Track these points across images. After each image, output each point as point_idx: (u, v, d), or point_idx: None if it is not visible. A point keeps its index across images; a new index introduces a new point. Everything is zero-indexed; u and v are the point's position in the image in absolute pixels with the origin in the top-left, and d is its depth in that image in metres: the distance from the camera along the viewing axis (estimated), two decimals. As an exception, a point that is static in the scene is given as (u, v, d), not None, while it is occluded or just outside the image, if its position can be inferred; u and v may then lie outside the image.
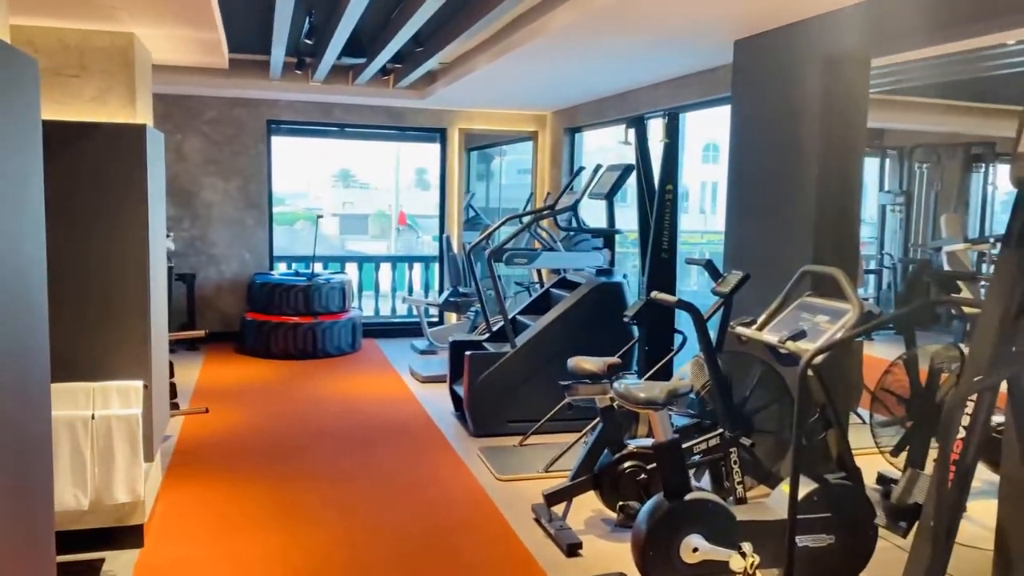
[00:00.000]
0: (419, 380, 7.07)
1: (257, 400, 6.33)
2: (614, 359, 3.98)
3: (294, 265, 9.29)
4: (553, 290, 6.13)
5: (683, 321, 4.62)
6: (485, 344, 5.93)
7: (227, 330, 8.44)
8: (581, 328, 5.54)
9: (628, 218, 7.24)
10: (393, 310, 9.92)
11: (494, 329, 6.03)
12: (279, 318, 7.86)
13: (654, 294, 3.78)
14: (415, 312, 8.45)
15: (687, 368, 4.14)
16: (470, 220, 10.22)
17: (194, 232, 8.51)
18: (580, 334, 5.54)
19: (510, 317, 6.12)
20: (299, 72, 7.28)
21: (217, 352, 8.10)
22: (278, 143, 9.26)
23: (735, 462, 3.93)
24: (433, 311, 9.10)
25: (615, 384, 3.22)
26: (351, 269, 9.94)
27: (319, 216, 8.35)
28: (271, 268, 8.81)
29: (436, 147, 9.30)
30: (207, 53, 4.40)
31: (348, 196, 46.17)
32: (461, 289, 8.31)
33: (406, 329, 9.20)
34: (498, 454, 5.03)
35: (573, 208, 5.77)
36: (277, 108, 8.61)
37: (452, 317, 9.05)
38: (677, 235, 4.98)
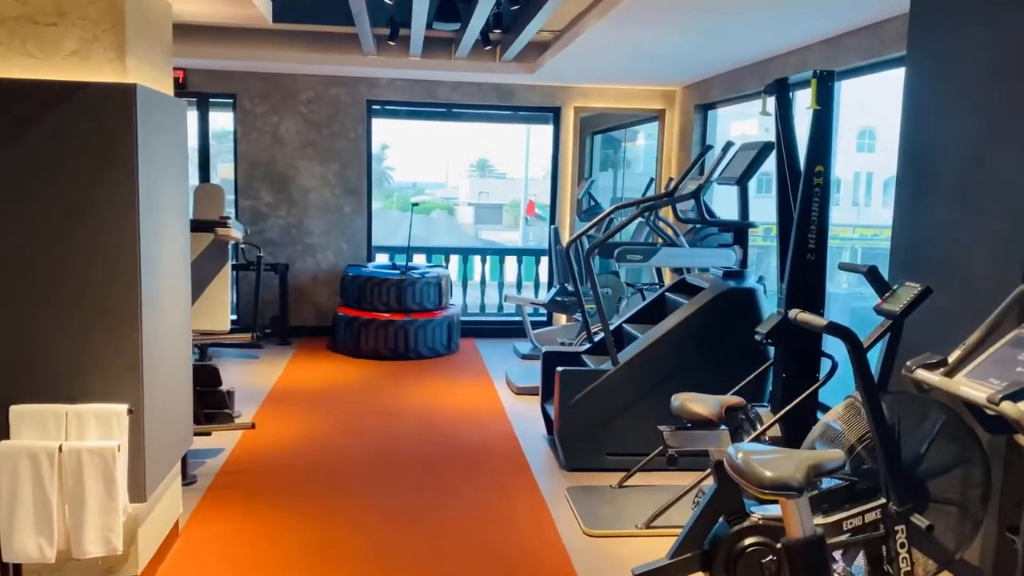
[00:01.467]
0: (514, 391, 6.21)
1: (331, 408, 5.67)
2: (734, 399, 2.96)
3: (409, 258, 8.66)
4: (669, 295, 5.09)
5: (833, 341, 3.52)
6: (584, 357, 4.99)
7: (323, 324, 7.91)
8: (700, 345, 4.50)
9: (768, 209, 6.09)
10: (500, 307, 9.12)
11: (595, 340, 5.07)
12: (370, 314, 7.22)
13: (795, 314, 2.72)
14: (518, 312, 7.60)
15: (838, 412, 3.05)
16: (588, 210, 9.25)
17: (290, 220, 8.02)
18: (698, 352, 4.50)
19: (616, 325, 5.14)
20: (392, 43, 6.56)
21: (308, 349, 7.56)
22: (382, 126, 8.68)
23: (902, 544, 2.84)
24: (539, 311, 8.21)
25: (732, 453, 2.22)
26: (455, 263, 9.22)
27: (414, 204, 7.64)
28: (369, 259, 8.21)
29: (551, 129, 8.39)
30: (239, 5, 3.69)
31: (484, 186, 46.20)
32: (570, 288, 7.38)
33: (511, 330, 8.37)
34: (590, 498, 4.09)
35: (696, 195, 4.71)
36: (377, 88, 7.96)
37: (561, 318, 8.13)
38: (827, 230, 3.87)
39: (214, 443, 4.72)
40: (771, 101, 4.16)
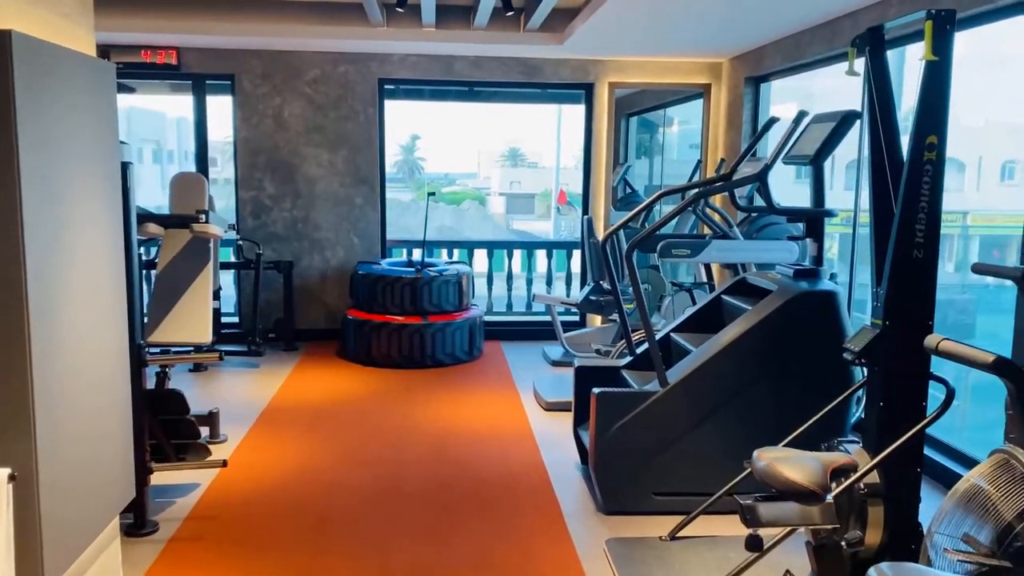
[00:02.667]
0: (543, 407, 5.42)
1: (331, 430, 4.93)
2: (841, 458, 2.16)
3: (418, 253, 7.90)
4: (727, 298, 4.26)
5: (945, 363, 2.68)
6: (625, 374, 4.18)
7: (333, 327, 7.18)
8: (768, 361, 3.67)
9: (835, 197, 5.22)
10: (528, 306, 8.32)
11: (637, 351, 4.26)
12: (382, 317, 6.47)
13: (936, 342, 1.90)
14: (548, 312, 6.80)
15: (985, 471, 2.21)
16: (624, 199, 8.41)
17: (296, 213, 7.30)
18: (766, 371, 3.66)
19: (663, 334, 4.32)
20: (401, 10, 5.78)
21: (315, 355, 6.84)
22: (397, 109, 7.92)
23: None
24: (571, 310, 7.40)
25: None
26: (480, 258, 8.44)
27: (431, 194, 6.87)
28: (384, 255, 7.46)
29: (582, 108, 7.55)
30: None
31: (516, 175, 45.42)
32: (605, 285, 6.56)
33: (540, 331, 7.58)
34: (635, 553, 3.29)
35: (763, 177, 3.86)
36: (389, 64, 7.19)
37: (595, 319, 7.31)
38: (939, 221, 3.02)
39: (188, 478, 4.00)
40: (859, 63, 3.30)
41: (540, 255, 8.78)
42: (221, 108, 7.37)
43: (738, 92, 6.90)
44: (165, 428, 3.64)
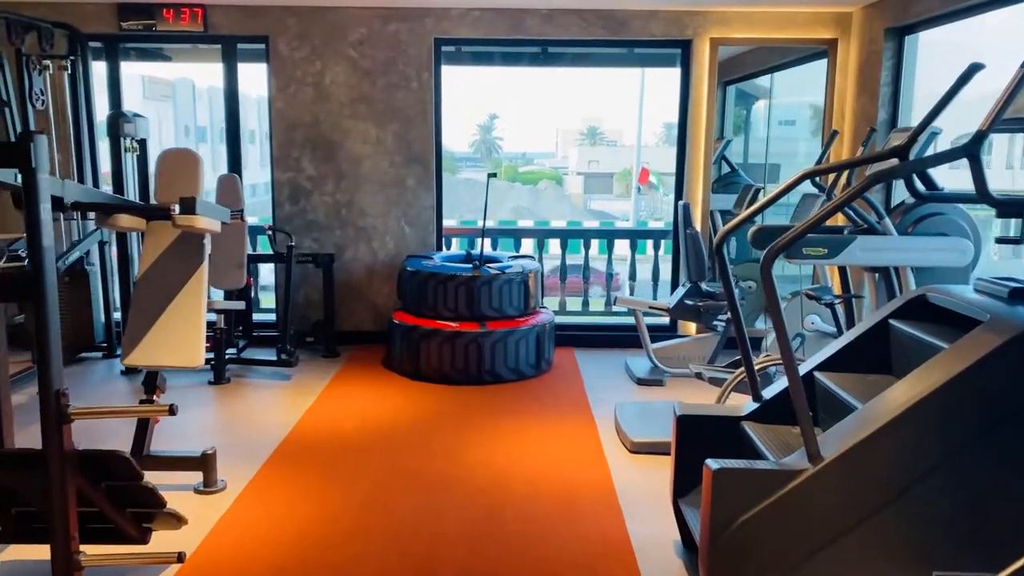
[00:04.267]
0: (627, 447, 4.26)
1: (356, 474, 3.90)
2: None
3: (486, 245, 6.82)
4: (898, 324, 3.01)
5: None
6: (748, 430, 2.99)
7: (382, 329, 6.18)
8: (982, 433, 2.42)
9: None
10: (607, 304, 7.15)
11: (766, 397, 3.06)
12: (433, 323, 5.42)
13: None
14: (632, 317, 5.62)
15: None
16: (722, 179, 7.14)
17: (338, 197, 6.29)
18: (978, 449, 2.42)
19: (805, 372, 3.10)
20: (454, -55, 4.66)
21: (358, 364, 5.85)
22: (456, 76, 6.83)
23: None
24: (659, 316, 6.20)
25: None
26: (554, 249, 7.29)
27: (491, 175, 5.74)
28: (438, 246, 6.41)
29: (674, 73, 6.29)
30: None
31: (594, 154, 44.01)
32: (704, 287, 5.35)
33: (623, 337, 6.41)
34: None
35: (969, 154, 2.60)
36: (447, 21, 6.09)
37: (689, 327, 6.08)
38: None
39: (165, 543, 3.02)
40: None
41: (622, 246, 7.58)
42: (257, 76, 6.43)
43: (874, 48, 5.53)
44: (112, 498, 2.66)
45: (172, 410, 2.56)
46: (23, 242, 4.60)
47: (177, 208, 3.17)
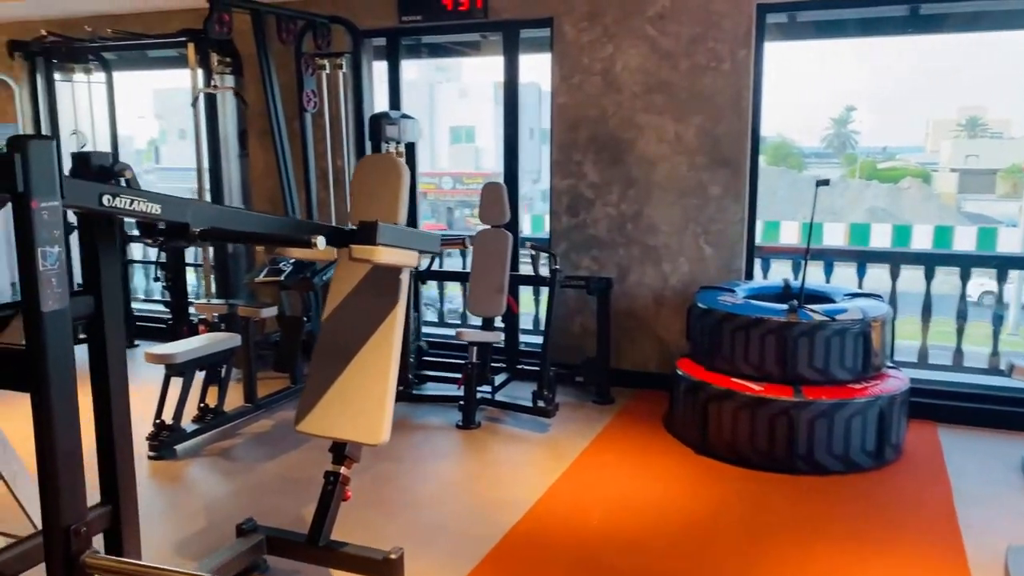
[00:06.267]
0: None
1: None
2: None
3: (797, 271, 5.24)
4: None
5: None
6: None
7: (667, 373, 4.93)
8: None
9: None
10: (992, 366, 5.12)
11: None
12: (726, 381, 4.06)
13: None
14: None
15: None
16: None
17: (623, 208, 5.17)
18: None
19: None
20: None
21: (631, 418, 4.69)
22: (788, 51, 5.32)
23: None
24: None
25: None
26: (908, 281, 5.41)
27: (821, 182, 4.14)
28: (747, 274, 4.99)
29: None
30: None
31: (973, 148, 37.66)
32: None
33: (1014, 415, 4.43)
34: None
35: None
36: (774, -21, 4.64)
37: None
38: None
39: None
40: None
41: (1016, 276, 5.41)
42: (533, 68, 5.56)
43: None
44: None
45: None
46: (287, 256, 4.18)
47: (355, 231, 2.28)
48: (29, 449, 1.86)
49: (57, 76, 6.23)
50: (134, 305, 6.61)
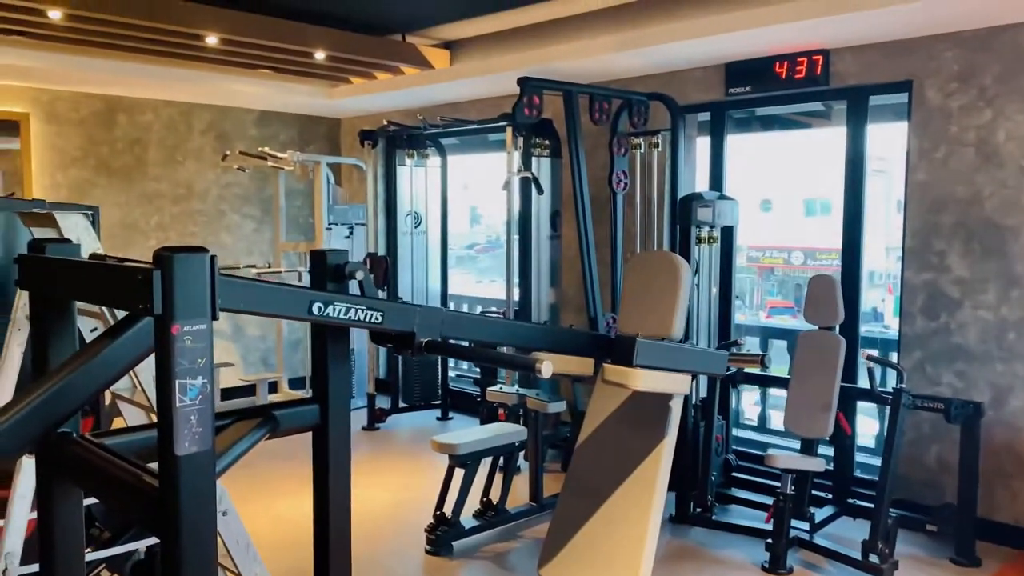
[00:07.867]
0: None
1: None
2: None
3: None
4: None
5: None
6: None
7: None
8: None
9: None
10: None
11: None
12: None
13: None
14: None
15: None
16: None
17: (1002, 312, 4.02)
18: None
19: None
20: None
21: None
22: None
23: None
24: None
25: None
26: None
27: None
28: None
29: None
30: None
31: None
32: None
33: None
34: None
35: None
36: None
37: None
38: None
39: None
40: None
41: None
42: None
43: None
44: None
45: None
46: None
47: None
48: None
49: (406, 161, 6.72)
50: (451, 373, 6.80)
